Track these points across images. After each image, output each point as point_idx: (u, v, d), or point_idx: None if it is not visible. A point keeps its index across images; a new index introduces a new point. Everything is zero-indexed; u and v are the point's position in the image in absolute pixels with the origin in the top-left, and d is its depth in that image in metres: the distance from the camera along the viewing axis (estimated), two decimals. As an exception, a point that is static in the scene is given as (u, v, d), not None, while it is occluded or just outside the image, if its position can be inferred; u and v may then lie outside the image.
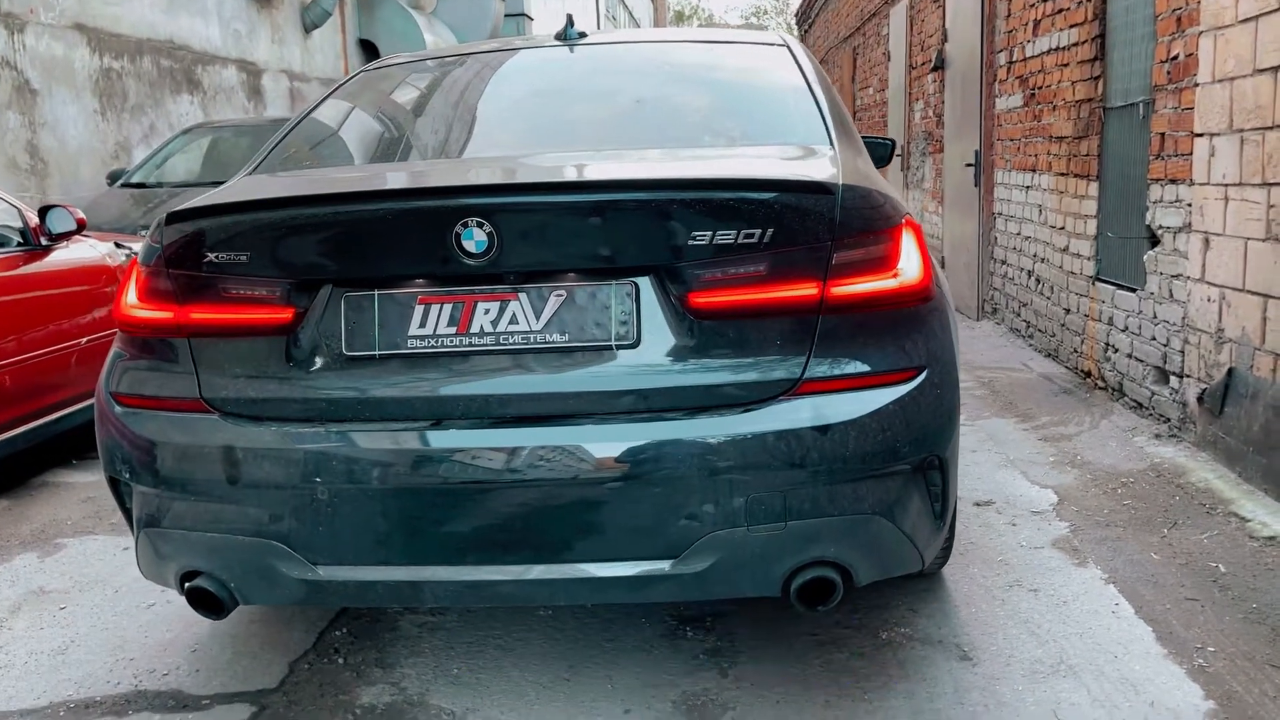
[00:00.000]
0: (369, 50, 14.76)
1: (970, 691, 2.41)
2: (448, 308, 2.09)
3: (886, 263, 2.11)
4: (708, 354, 2.06)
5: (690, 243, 2.01)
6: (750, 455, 2.00)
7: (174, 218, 2.18)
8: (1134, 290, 4.49)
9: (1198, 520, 3.34)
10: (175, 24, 9.70)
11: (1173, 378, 4.12)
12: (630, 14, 54.81)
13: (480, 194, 2.03)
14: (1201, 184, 3.78)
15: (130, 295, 2.31)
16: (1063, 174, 5.32)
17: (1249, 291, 3.46)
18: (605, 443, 2.03)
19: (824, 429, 2.02)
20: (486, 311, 2.08)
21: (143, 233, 5.62)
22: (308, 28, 12.73)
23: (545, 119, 2.68)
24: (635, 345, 2.06)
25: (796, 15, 20.95)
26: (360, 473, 2.07)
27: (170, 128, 9.45)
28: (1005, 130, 6.37)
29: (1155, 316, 4.26)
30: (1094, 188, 4.92)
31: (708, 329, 2.06)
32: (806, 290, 2.05)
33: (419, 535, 2.10)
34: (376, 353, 2.11)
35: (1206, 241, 3.76)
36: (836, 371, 2.06)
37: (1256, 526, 3.20)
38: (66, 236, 4.30)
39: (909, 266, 2.13)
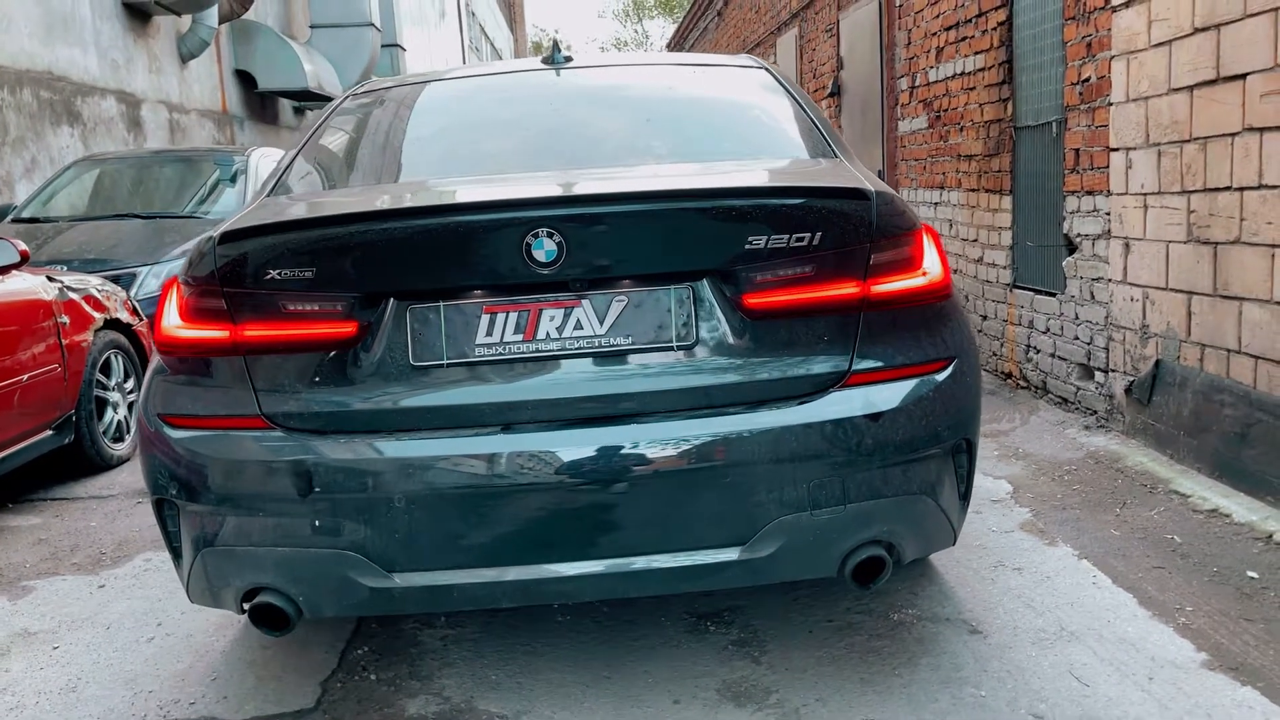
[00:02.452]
0: (245, 81, 14.45)
1: (989, 660, 2.59)
2: (514, 316, 2.17)
3: (914, 263, 2.29)
4: (762, 351, 2.19)
5: (746, 247, 2.15)
6: (811, 444, 2.15)
7: (229, 237, 2.20)
8: (1053, 295, 4.84)
9: (1143, 499, 3.64)
10: (53, 54, 9.35)
11: (1098, 373, 4.46)
12: (492, 45, 54.96)
13: (552, 205, 2.12)
14: (1119, 194, 4.13)
15: (172, 316, 2.30)
16: (973, 190, 5.68)
17: (1173, 290, 3.81)
18: (672, 439, 2.14)
19: (875, 416, 2.18)
20: (552, 318, 2.17)
21: (62, 268, 5.44)
22: (185, 58, 12.40)
23: (564, 136, 2.78)
24: (694, 345, 2.18)
25: (668, 47, 21.42)
26: (434, 479, 2.12)
27: (51, 161, 9.09)
28: (910, 151, 6.74)
29: (1077, 318, 4.61)
30: (1007, 201, 5.28)
31: (761, 328, 2.19)
32: (849, 289, 2.21)
33: (493, 537, 2.16)
34: (445, 362, 2.17)
35: (1127, 246, 4.11)
36: (880, 363, 2.23)
37: (1198, 501, 3.51)
38: (4, 270, 4.15)
39: (932, 266, 2.32)
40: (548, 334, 2.17)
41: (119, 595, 3.36)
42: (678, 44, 19.59)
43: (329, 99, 16.34)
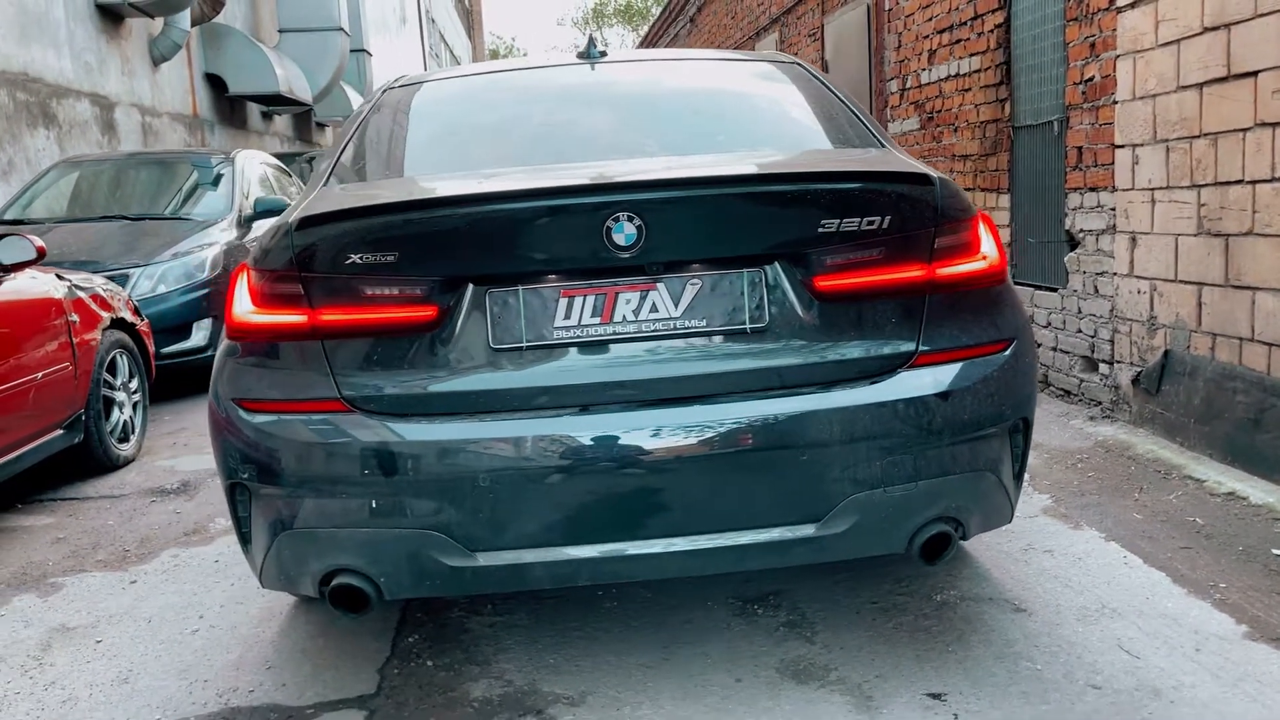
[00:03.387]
0: (216, 84, 14.31)
1: (1039, 636, 2.66)
2: (591, 299, 2.21)
3: (973, 247, 2.36)
4: (832, 333, 2.25)
5: (819, 230, 2.21)
6: (884, 422, 2.20)
7: (308, 222, 2.22)
8: (1055, 290, 4.96)
9: (1159, 485, 3.75)
10: (28, 54, 9.21)
11: (1102, 365, 4.58)
12: (451, 52, 54.83)
13: (633, 190, 2.16)
14: (1125, 189, 4.24)
15: (244, 302, 2.31)
16: (969, 189, 5.80)
17: (1182, 281, 3.92)
18: (749, 419, 2.18)
19: (945, 395, 2.24)
20: (628, 301, 2.21)
21: (71, 266, 5.39)
22: (156, 60, 12.27)
23: (618, 126, 2.82)
24: (767, 327, 2.23)
25: (636, 52, 21.45)
26: (515, 460, 2.15)
27: (28, 164, 8.97)
28: (900, 152, 6.85)
29: (1080, 311, 4.72)
30: (1005, 200, 5.39)
31: (831, 310, 2.25)
32: (915, 272, 2.28)
33: (573, 516, 2.19)
34: (524, 344, 2.20)
35: (1134, 240, 4.23)
36: (946, 345, 2.29)
37: (1213, 485, 3.62)
38: (19, 267, 4.11)
39: (990, 250, 2.39)
40: (624, 317, 2.21)
41: (153, 590, 3.34)
42: (650, 48, 19.67)
43: (298, 104, 16.24)
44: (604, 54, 3.22)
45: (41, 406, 4.19)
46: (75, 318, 4.52)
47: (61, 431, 4.41)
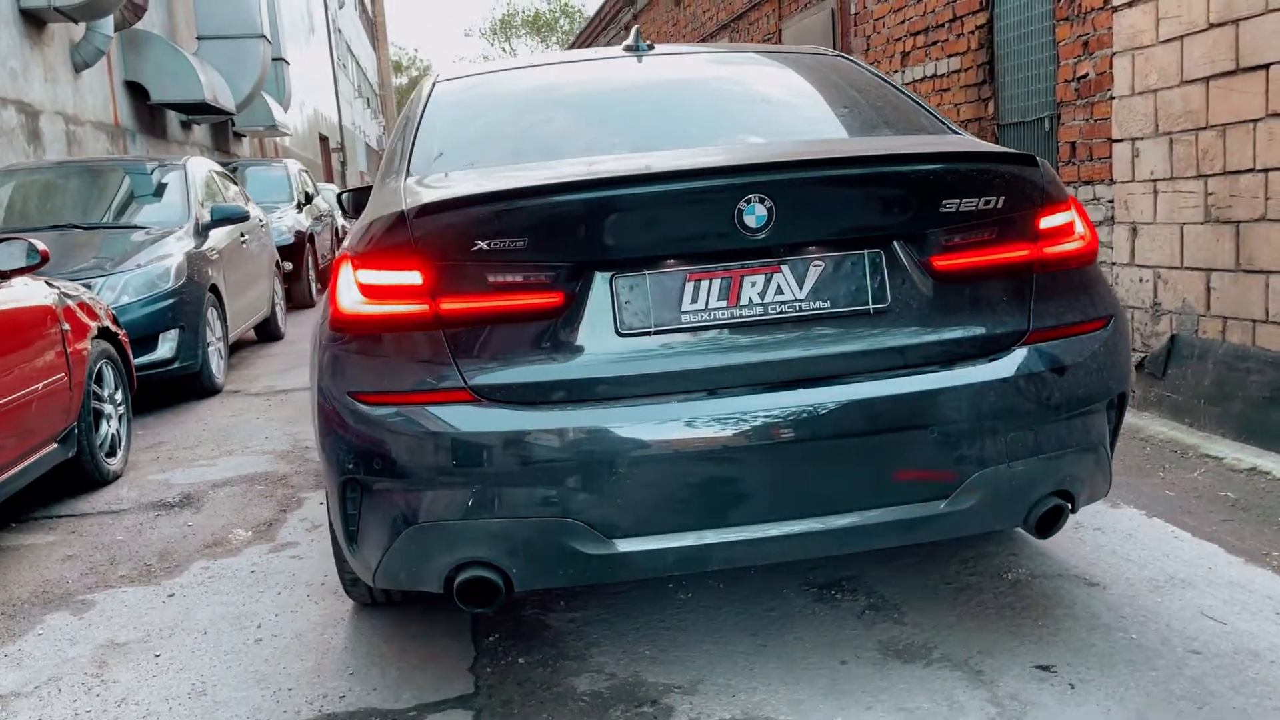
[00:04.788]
0: (137, 92, 13.85)
1: (1121, 608, 2.74)
2: (717, 283, 2.21)
3: (1071, 227, 2.42)
4: (949, 311, 2.28)
5: (940, 209, 2.24)
6: (1007, 398, 2.25)
7: (429, 210, 2.17)
8: (1047, 281, 5.10)
9: (1180, 464, 3.88)
10: (-46, 60, 8.80)
11: (1101, 352, 4.72)
12: (358, 63, 54.08)
13: (766, 171, 2.17)
14: (1125, 181, 4.40)
15: (352, 294, 2.25)
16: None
17: (1188, 268, 4.08)
18: (877, 398, 2.20)
19: (1060, 370, 2.29)
20: (753, 284, 2.22)
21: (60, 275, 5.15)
22: (78, 67, 11.82)
23: (696, 115, 2.82)
24: (888, 307, 2.26)
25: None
26: (648, 445, 2.13)
27: (-42, 173, 8.54)
28: (870, 152, 6.98)
29: (1076, 301, 4.86)
30: (990, 195, 5.53)
31: (947, 289, 2.29)
32: (1024, 251, 2.33)
33: (707, 500, 2.18)
34: (651, 329, 2.19)
35: (1134, 230, 4.38)
36: (1054, 322, 2.34)
37: (1233, 462, 3.77)
38: (19, 273, 3.93)
39: (1084, 230, 2.45)
40: (750, 300, 2.21)
41: (197, 603, 3.21)
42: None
43: (219, 113, 15.81)
44: (651, 47, 3.22)
45: (42, 419, 4.00)
46: (67, 327, 4.33)
47: (56, 445, 4.21)
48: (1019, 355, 2.29)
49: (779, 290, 2.22)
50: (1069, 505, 2.37)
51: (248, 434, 5.55)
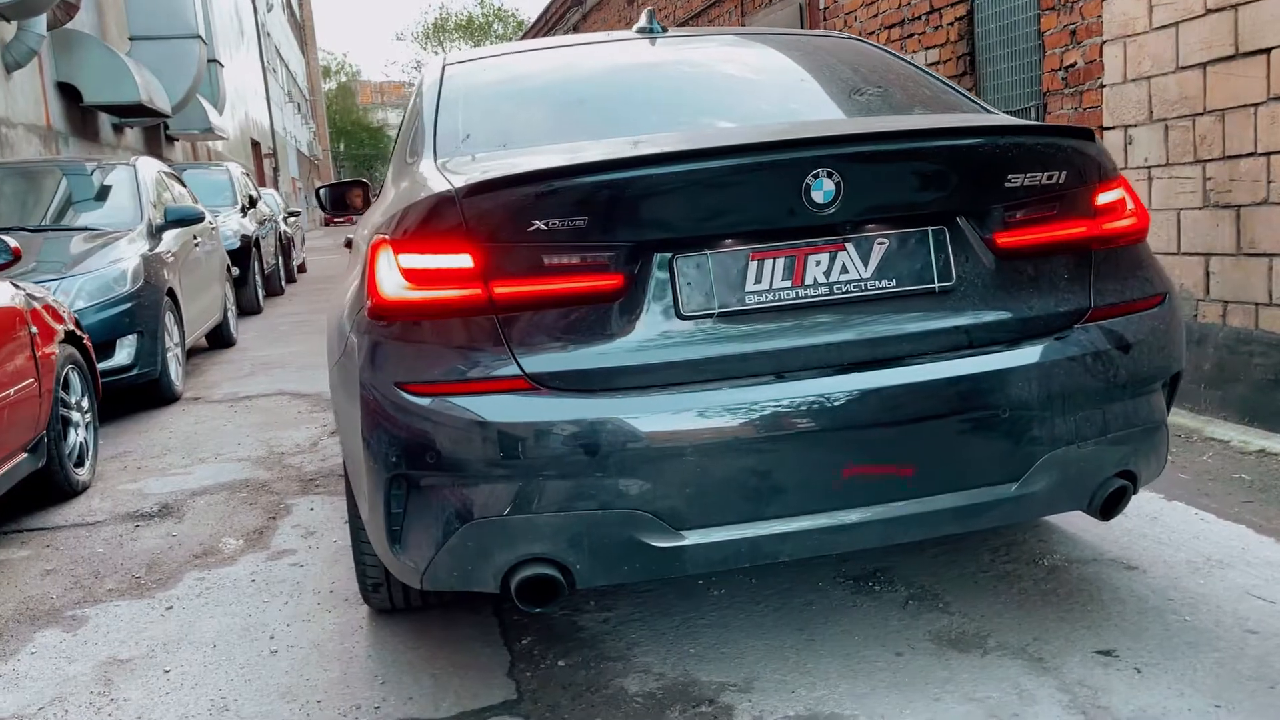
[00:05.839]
0: (69, 94, 13.37)
1: (1167, 590, 2.71)
2: (781, 262, 2.12)
3: (1123, 204, 2.38)
4: (1012, 289, 2.23)
5: (1004, 185, 2.18)
6: (1075, 377, 2.19)
7: (479, 189, 2.05)
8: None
9: (1187, 447, 3.89)
10: (-119, 59, 8.38)
11: (1093, 340, 4.74)
12: (288, 68, 53.20)
13: (834, 144, 2.09)
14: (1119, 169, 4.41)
15: (394, 279, 2.12)
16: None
17: (1186, 254, 4.10)
18: (948, 379, 2.13)
19: (1125, 348, 2.25)
20: (818, 263, 2.14)
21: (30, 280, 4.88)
22: (9, 68, 11.37)
23: (732, 94, 2.74)
24: (953, 285, 2.19)
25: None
26: (716, 432, 2.04)
27: (-113, 177, 8.13)
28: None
29: (1065, 290, 4.88)
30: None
31: (1010, 266, 2.23)
32: (1083, 228, 2.28)
33: (778, 489, 2.09)
34: (715, 311, 2.10)
35: (1127, 217, 4.39)
36: (1114, 299, 2.30)
37: (1240, 445, 3.79)
38: (-8, 270, 3.71)
39: (1136, 208, 2.42)
40: (815, 279, 2.13)
41: (198, 615, 3.04)
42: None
43: (154, 115, 15.35)
44: (665, 29, 3.14)
45: (13, 428, 3.78)
46: (35, 330, 4.11)
47: (26, 455, 3.99)
48: (1084, 333, 2.24)
49: (844, 269, 2.14)
50: (1132, 486, 2.33)
51: (218, 441, 5.33)
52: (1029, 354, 2.18)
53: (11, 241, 3.68)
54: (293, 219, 17.75)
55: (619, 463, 2.02)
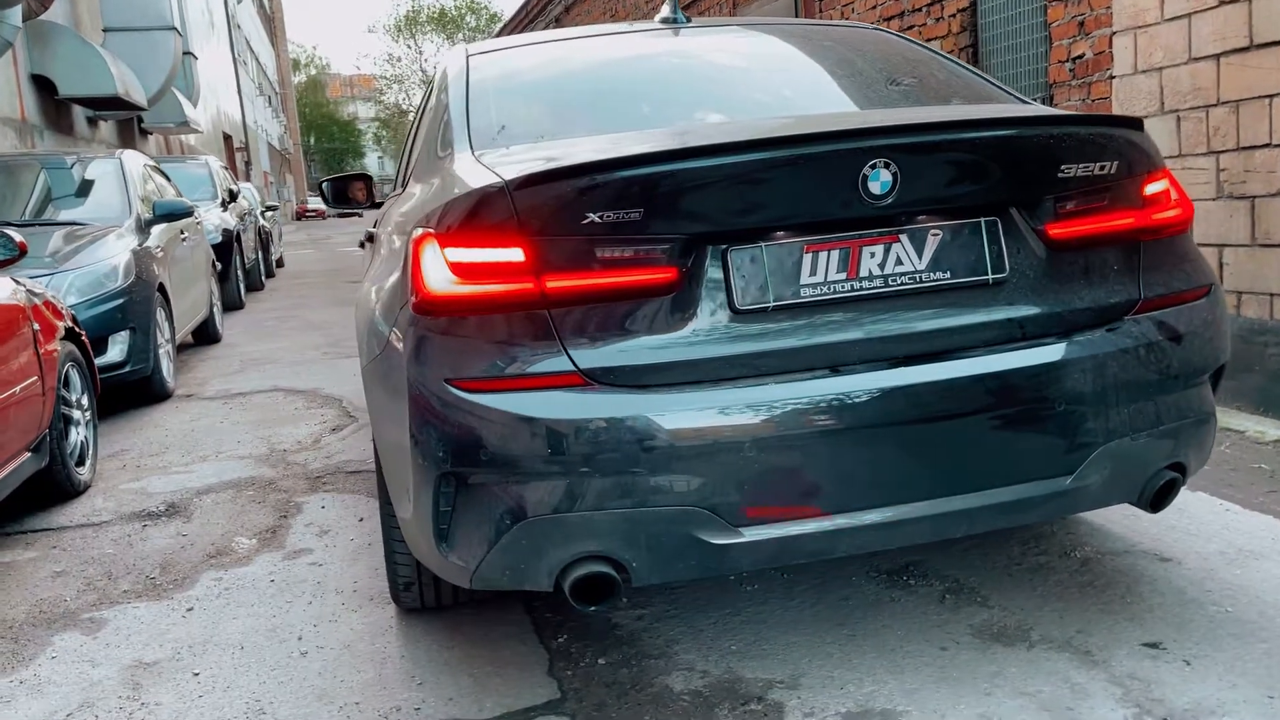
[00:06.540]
0: (44, 86, 13.15)
1: (1204, 581, 2.71)
2: (835, 254, 2.09)
3: (1168, 194, 2.37)
4: (1064, 280, 2.21)
5: (1057, 175, 2.16)
6: (1128, 369, 2.18)
7: (530, 181, 2.01)
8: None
9: (1202, 438, 3.90)
10: None
11: (1101, 331, 4.75)
12: (258, 60, 52.69)
13: (891, 134, 2.06)
14: (1126, 161, 4.41)
15: (441, 273, 2.07)
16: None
17: (1200, 244, 4.10)
18: (1001, 371, 2.11)
19: (1176, 339, 2.24)
20: (872, 255, 2.11)
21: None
22: (-16, 61, 11.18)
23: (769, 83, 2.70)
24: (1006, 276, 2.17)
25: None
26: (774, 427, 2.01)
27: None
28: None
29: (1072, 282, 4.88)
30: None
31: (1062, 258, 2.21)
32: (1132, 218, 2.27)
33: (836, 483, 2.07)
34: (770, 305, 2.06)
35: (1137, 209, 4.40)
36: (1162, 290, 2.29)
37: (1256, 435, 3.80)
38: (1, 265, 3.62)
39: (1180, 199, 2.41)
40: (869, 271, 2.11)
41: (222, 616, 2.98)
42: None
43: (129, 108, 15.12)
44: (689, 20, 3.10)
45: (20, 425, 3.70)
46: (37, 326, 4.02)
47: (30, 455, 3.90)
48: (1135, 325, 2.23)
49: (898, 260, 2.12)
50: (1181, 478, 2.32)
51: (216, 439, 5.25)
52: (1083, 346, 2.17)
53: (17, 236, 3.60)
54: (270, 213, 17.58)
55: (676, 458, 1.98)
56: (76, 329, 4.61)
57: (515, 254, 2.01)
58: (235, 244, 11.80)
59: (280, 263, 18.65)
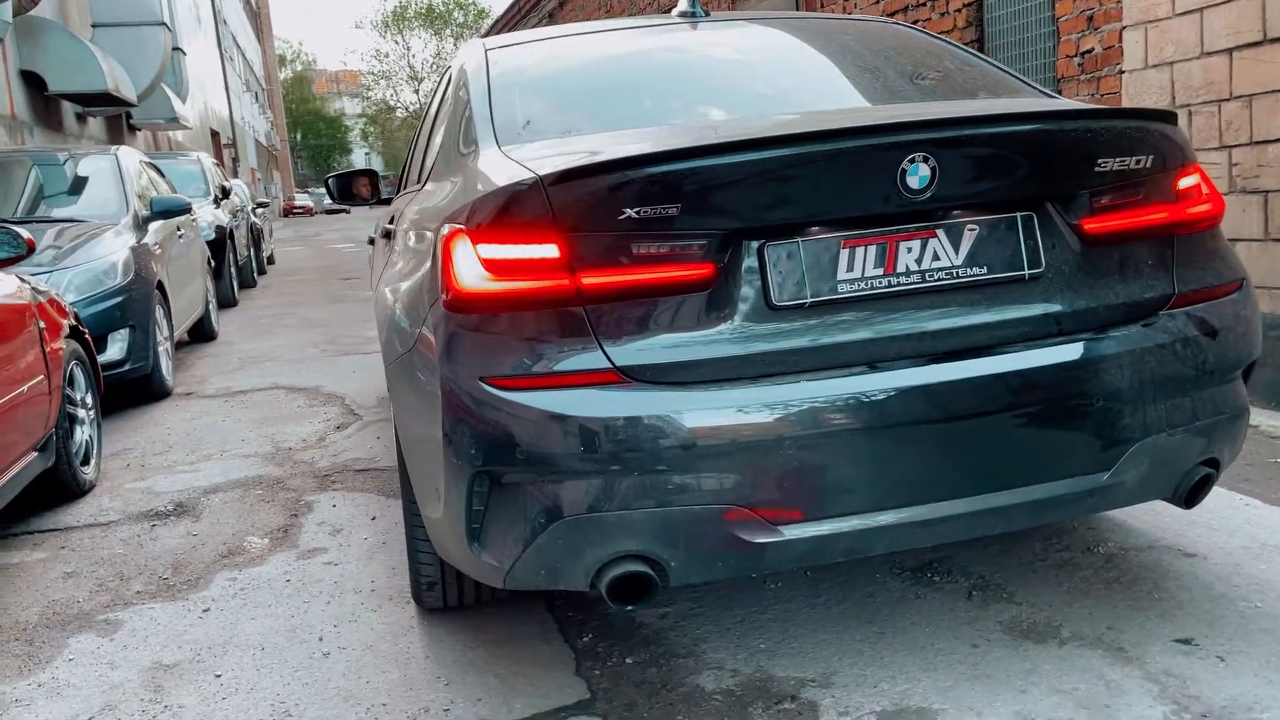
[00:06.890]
0: (33, 83, 13.03)
1: (1230, 576, 2.70)
2: (873, 249, 2.07)
3: (1199, 188, 2.36)
4: (1099, 275, 2.20)
5: (1094, 169, 2.15)
6: (1164, 364, 2.17)
7: (573, 175, 1.98)
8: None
9: (1216, 433, 3.90)
10: None
11: (1111, 326, 4.75)
12: (244, 56, 52.44)
13: (931, 129, 2.04)
14: (1137, 155, 4.41)
15: (474, 270, 2.04)
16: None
17: (1210, 239, 4.10)
18: (1039, 367, 2.10)
19: (1211, 334, 2.23)
20: (909, 250, 2.09)
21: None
22: (-27, 57, 11.08)
23: (794, 78, 2.68)
24: (1042, 272, 2.16)
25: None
26: (814, 425, 1.99)
27: None
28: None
29: (1081, 277, 4.88)
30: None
31: (1096, 253, 2.20)
32: (1165, 213, 2.26)
33: (875, 481, 2.05)
34: (808, 301, 2.04)
35: (1148, 204, 4.40)
36: (1196, 285, 2.28)
37: (1270, 429, 3.81)
38: (5, 263, 3.57)
39: (1211, 193, 2.40)
40: (907, 267, 2.09)
41: (239, 617, 2.95)
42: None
43: (119, 104, 15.02)
44: (708, 13, 3.08)
45: (27, 424, 3.66)
46: (42, 324, 3.97)
47: (37, 454, 3.86)
48: (1170, 320, 2.21)
49: (935, 256, 2.10)
50: (1215, 473, 2.31)
51: (220, 437, 5.21)
52: (1120, 341, 2.15)
53: (24, 233, 3.55)
54: (261, 210, 17.50)
55: (713, 456, 1.96)
56: (80, 327, 4.56)
57: (550, 250, 1.99)
58: (229, 241, 11.73)
59: (271, 260, 18.57)
